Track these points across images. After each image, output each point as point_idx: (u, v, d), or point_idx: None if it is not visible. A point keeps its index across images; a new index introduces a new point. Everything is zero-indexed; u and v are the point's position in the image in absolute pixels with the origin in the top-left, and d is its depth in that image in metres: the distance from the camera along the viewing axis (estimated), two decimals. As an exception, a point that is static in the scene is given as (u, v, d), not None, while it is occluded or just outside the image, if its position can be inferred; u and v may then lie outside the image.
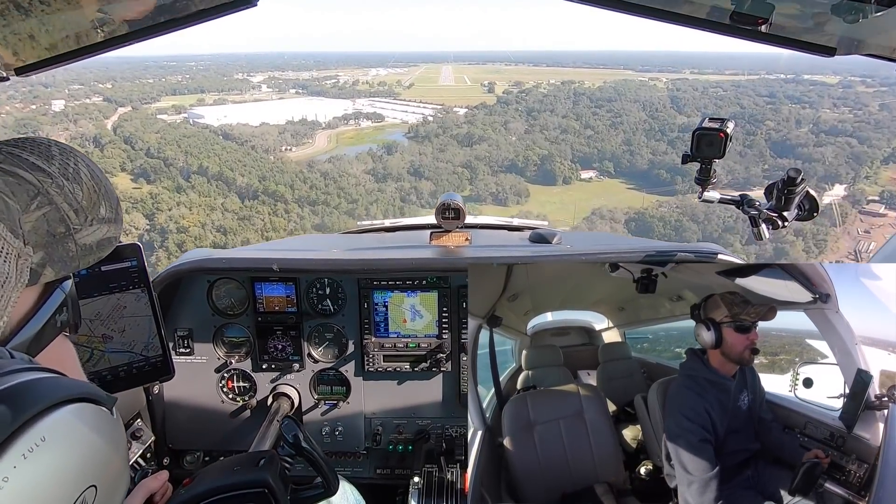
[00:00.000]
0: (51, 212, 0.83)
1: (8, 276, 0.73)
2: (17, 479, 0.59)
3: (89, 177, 0.91)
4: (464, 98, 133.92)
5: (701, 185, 2.25)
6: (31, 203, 0.80)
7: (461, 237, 3.21)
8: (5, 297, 0.73)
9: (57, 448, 0.63)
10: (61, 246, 0.84)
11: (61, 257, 0.84)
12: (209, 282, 2.92)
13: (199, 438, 3.08)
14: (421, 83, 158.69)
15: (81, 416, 0.68)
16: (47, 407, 0.64)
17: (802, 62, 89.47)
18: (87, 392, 0.71)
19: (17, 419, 0.61)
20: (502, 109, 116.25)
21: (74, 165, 0.90)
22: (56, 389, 0.67)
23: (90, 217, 0.89)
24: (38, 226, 0.81)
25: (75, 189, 0.87)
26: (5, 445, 0.59)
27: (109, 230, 0.94)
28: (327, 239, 4.13)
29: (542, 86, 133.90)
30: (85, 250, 0.89)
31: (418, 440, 3.06)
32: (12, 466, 0.59)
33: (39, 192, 0.82)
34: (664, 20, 1.91)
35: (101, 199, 0.93)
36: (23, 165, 0.83)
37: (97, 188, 0.92)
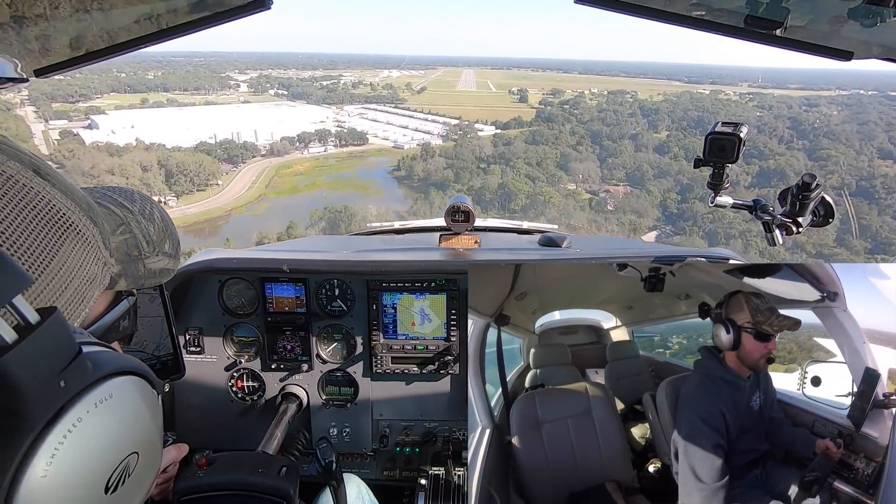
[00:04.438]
0: (129, 238, 1.01)
1: (96, 276, 0.88)
2: (87, 424, 0.68)
3: (160, 219, 1.12)
4: (489, 108, 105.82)
5: (714, 189, 2.23)
6: (117, 230, 0.98)
7: (470, 240, 3.22)
8: (91, 292, 0.87)
9: (118, 407, 0.74)
10: (133, 265, 1.02)
11: (132, 274, 1.02)
12: (220, 282, 2.95)
13: (207, 436, 3.10)
14: (435, 88, 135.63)
15: (139, 388, 0.79)
16: (117, 371, 0.75)
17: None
18: (145, 370, 0.82)
19: (96, 374, 0.71)
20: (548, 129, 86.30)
21: (150, 209, 1.10)
22: (124, 361, 0.78)
23: (157, 249, 1.09)
24: (120, 246, 0.98)
25: (149, 226, 1.06)
26: (85, 392, 0.69)
27: (169, 263, 1.14)
28: (337, 240, 4.16)
29: (587, 95, 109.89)
30: (150, 274, 1.07)
31: (425, 442, 3.06)
32: (86, 411, 0.68)
33: (123, 223, 1.00)
34: (678, 24, 1.91)
35: (167, 237, 1.13)
36: (113, 203, 1.03)
37: (165, 229, 1.13)
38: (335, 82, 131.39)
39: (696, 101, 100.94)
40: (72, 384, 0.67)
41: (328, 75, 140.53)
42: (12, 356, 0.60)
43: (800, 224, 2.13)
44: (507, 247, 3.50)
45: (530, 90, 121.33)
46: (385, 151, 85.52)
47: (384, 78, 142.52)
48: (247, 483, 1.87)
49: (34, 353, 0.62)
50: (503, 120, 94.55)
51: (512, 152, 77.69)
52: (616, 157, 77.34)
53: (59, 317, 0.66)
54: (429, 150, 79.26)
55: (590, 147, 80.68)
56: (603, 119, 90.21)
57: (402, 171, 76.31)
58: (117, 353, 0.80)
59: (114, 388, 0.73)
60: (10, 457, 0.61)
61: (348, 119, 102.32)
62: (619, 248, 3.91)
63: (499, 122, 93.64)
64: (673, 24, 1.92)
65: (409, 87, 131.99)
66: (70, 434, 0.66)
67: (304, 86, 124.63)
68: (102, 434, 0.71)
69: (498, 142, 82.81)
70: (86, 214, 0.87)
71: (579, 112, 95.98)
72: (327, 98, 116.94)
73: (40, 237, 0.77)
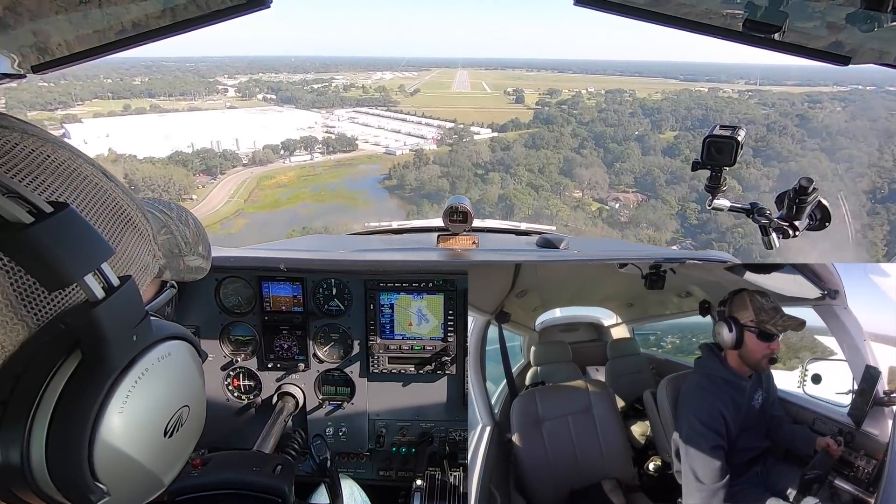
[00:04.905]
0: (171, 238, 1.14)
1: (148, 265, 0.99)
2: (152, 375, 0.81)
3: (194, 225, 1.25)
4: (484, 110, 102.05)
5: (711, 192, 2.26)
6: (160, 230, 1.10)
7: (468, 240, 3.23)
8: (144, 278, 0.97)
9: (175, 364, 0.88)
10: (175, 261, 1.15)
11: (175, 268, 1.16)
12: (217, 280, 2.93)
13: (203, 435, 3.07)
14: (429, 89, 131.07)
15: (189, 351, 0.94)
16: (172, 336, 0.89)
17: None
18: (195, 340, 0.97)
19: (159, 334, 0.85)
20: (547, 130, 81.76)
21: (186, 216, 1.24)
22: (178, 329, 0.92)
23: (193, 250, 1.22)
24: (164, 244, 1.10)
25: (185, 230, 1.20)
26: (151, 347, 0.82)
27: (203, 262, 1.26)
28: (335, 239, 4.15)
29: (585, 95, 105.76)
30: (188, 269, 1.21)
31: (421, 443, 3.06)
32: (152, 363, 0.81)
33: (165, 225, 1.13)
34: (676, 27, 1.92)
35: (200, 241, 1.25)
36: (154, 209, 1.14)
37: (198, 233, 1.25)
38: (326, 85, 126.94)
39: (697, 100, 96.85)
40: (141, 339, 0.80)
41: (320, 78, 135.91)
42: (101, 309, 0.72)
43: (796, 228, 2.17)
44: (505, 248, 3.51)
45: (526, 90, 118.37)
46: (376, 158, 79.94)
47: (377, 80, 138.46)
48: (241, 482, 1.86)
49: (116, 309, 0.75)
50: (500, 122, 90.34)
51: (511, 158, 72.59)
52: (623, 162, 72.09)
53: (132, 284, 0.79)
54: (422, 157, 73.59)
55: (594, 150, 75.79)
56: (604, 120, 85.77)
57: (394, 181, 70.43)
58: (172, 323, 0.93)
59: (171, 348, 0.87)
60: (97, 391, 0.73)
61: (338, 124, 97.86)
62: (616, 251, 3.92)
63: (495, 125, 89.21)
64: (672, 27, 1.93)
65: (402, 90, 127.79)
66: (140, 381, 0.79)
67: (294, 90, 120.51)
68: (163, 385, 0.84)
69: (496, 146, 77.88)
70: (141, 212, 0.99)
71: (578, 112, 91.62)
72: (317, 102, 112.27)
73: (110, 226, 0.88)
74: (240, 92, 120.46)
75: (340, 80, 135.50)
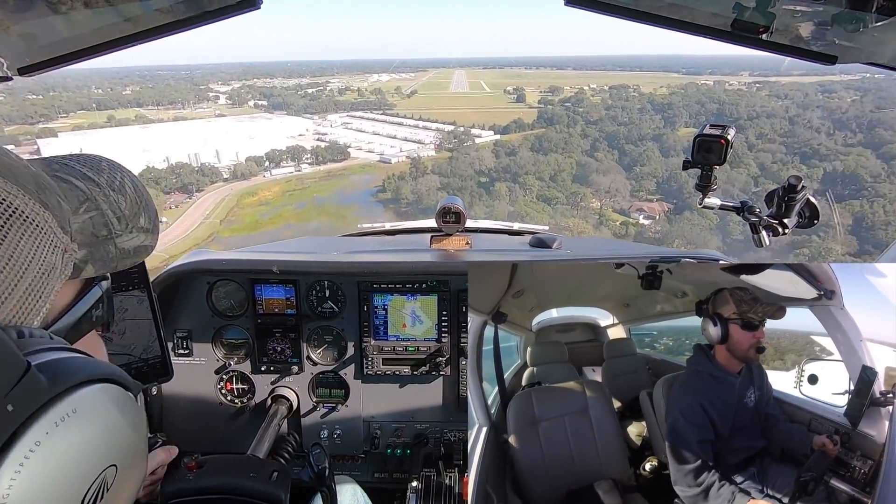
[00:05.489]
0: (96, 216, 0.91)
1: (53, 266, 0.79)
2: (48, 445, 0.63)
3: (133, 190, 1.01)
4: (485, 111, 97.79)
5: (702, 191, 2.29)
6: (80, 207, 0.89)
7: (461, 241, 3.23)
8: (49, 285, 0.79)
9: (85, 422, 0.68)
10: (103, 247, 0.92)
11: (102, 257, 0.92)
12: (209, 283, 2.91)
13: (196, 439, 3.06)
14: (427, 91, 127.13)
15: (110, 396, 0.73)
16: (80, 382, 0.69)
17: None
18: (116, 374, 0.76)
19: (53, 389, 0.65)
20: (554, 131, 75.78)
21: (121, 179, 0.99)
22: (89, 367, 0.72)
23: (131, 225, 0.98)
24: (85, 227, 0.89)
25: (119, 199, 0.96)
26: (40, 412, 0.63)
27: (146, 239, 1.04)
28: (328, 241, 4.14)
29: (588, 92, 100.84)
30: (123, 254, 0.98)
31: (417, 444, 3.05)
32: (45, 432, 0.63)
33: (88, 199, 0.91)
34: (666, 27, 1.94)
35: (142, 210, 1.02)
36: (76, 175, 0.93)
37: (139, 200, 1.01)
38: (320, 89, 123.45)
39: (706, 93, 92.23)
40: (21, 407, 0.61)
41: (314, 82, 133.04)
42: None
43: (786, 225, 2.21)
44: (499, 248, 3.51)
45: (527, 89, 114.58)
46: (369, 167, 74.93)
47: (373, 83, 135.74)
48: (238, 487, 1.85)
49: None
50: (502, 123, 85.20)
51: (518, 164, 67.43)
52: (643, 165, 65.30)
53: None
54: (419, 166, 69.16)
55: (609, 153, 69.83)
56: (614, 118, 79.90)
57: (389, 193, 64.58)
58: (83, 358, 0.73)
59: (78, 401, 0.68)
60: None
61: (330, 130, 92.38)
62: (609, 249, 3.93)
63: (498, 127, 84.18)
64: (661, 27, 1.95)
65: (398, 91, 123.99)
66: (28, 461, 0.61)
67: (287, 95, 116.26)
68: (69, 453, 0.66)
69: (500, 151, 71.86)
70: (33, 197, 0.77)
71: (584, 111, 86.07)
72: (309, 107, 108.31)
73: None
74: (231, 99, 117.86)
75: (336, 83, 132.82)
